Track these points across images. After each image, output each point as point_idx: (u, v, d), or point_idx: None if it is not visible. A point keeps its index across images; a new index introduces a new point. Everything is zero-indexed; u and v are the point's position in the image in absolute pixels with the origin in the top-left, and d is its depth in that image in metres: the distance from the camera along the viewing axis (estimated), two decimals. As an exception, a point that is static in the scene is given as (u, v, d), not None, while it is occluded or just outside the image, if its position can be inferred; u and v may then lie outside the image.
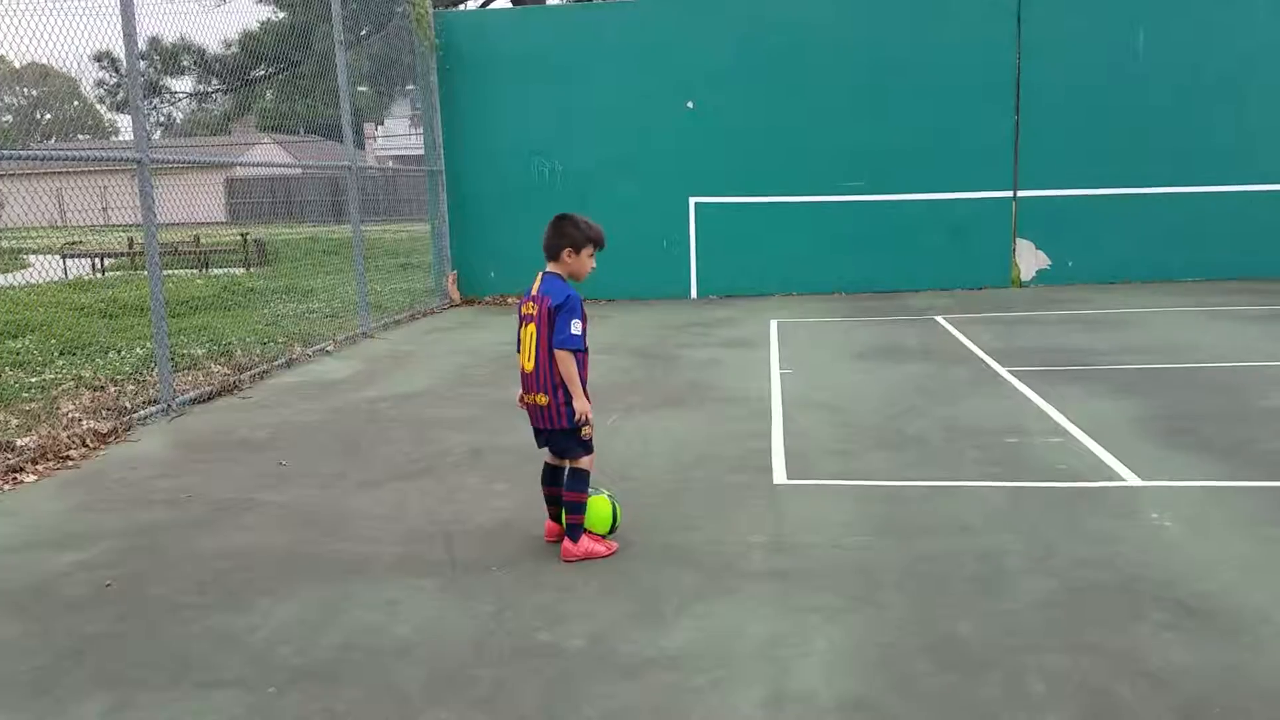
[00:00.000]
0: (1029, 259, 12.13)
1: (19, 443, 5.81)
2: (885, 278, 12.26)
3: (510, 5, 22.39)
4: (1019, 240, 12.10)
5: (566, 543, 3.96)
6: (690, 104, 12.32)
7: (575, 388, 3.86)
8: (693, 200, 12.47)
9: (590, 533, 4.01)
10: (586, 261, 4.02)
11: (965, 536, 4.08)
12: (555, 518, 4.14)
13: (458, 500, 4.82)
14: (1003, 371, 7.30)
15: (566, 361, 3.84)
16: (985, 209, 12.06)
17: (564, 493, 4.00)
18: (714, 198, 12.43)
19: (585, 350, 3.95)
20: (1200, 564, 3.71)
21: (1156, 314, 9.70)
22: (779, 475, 5.02)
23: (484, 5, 23.51)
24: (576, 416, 3.87)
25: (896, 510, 4.43)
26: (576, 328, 3.85)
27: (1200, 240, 11.87)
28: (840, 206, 12.23)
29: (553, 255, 3.99)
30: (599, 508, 4.06)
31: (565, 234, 3.97)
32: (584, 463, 3.98)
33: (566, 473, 4.02)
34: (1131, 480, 4.73)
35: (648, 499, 4.71)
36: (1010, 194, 12.01)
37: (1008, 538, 4.05)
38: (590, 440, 3.97)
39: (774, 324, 10.02)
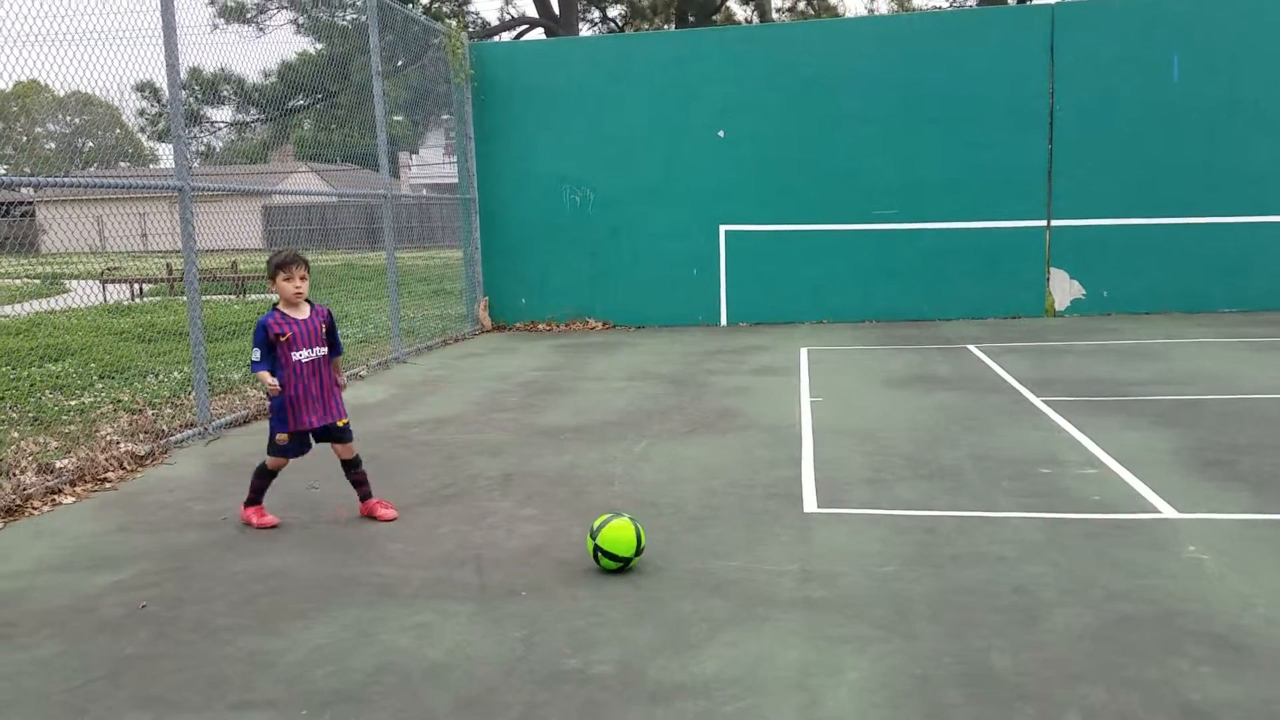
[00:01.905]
0: (1063, 288, 12.04)
1: (58, 464, 5.90)
2: (917, 306, 12.21)
3: (543, 36, 22.69)
4: (1053, 269, 12.02)
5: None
6: (721, 133, 12.39)
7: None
8: (723, 228, 12.50)
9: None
10: (282, 286, 4.80)
11: (999, 567, 4.04)
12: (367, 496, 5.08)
13: (488, 525, 4.83)
14: (1037, 401, 7.24)
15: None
16: (1018, 238, 12.00)
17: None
18: (744, 225, 12.46)
19: (263, 366, 4.74)
20: (1238, 598, 3.65)
21: (1193, 345, 9.59)
22: (810, 503, 5.00)
23: (518, 37, 23.84)
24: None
25: (929, 540, 4.39)
26: (255, 354, 4.76)
27: (1239, 270, 11.72)
28: (871, 235, 12.22)
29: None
30: (622, 532, 4.08)
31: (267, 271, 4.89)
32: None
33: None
34: (1168, 512, 4.67)
35: (677, 525, 4.71)
36: (1044, 223, 11.95)
37: (1042, 569, 4.00)
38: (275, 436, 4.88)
39: (804, 351, 10.00)
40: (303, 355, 4.80)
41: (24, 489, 5.41)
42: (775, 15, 27.10)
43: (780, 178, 12.30)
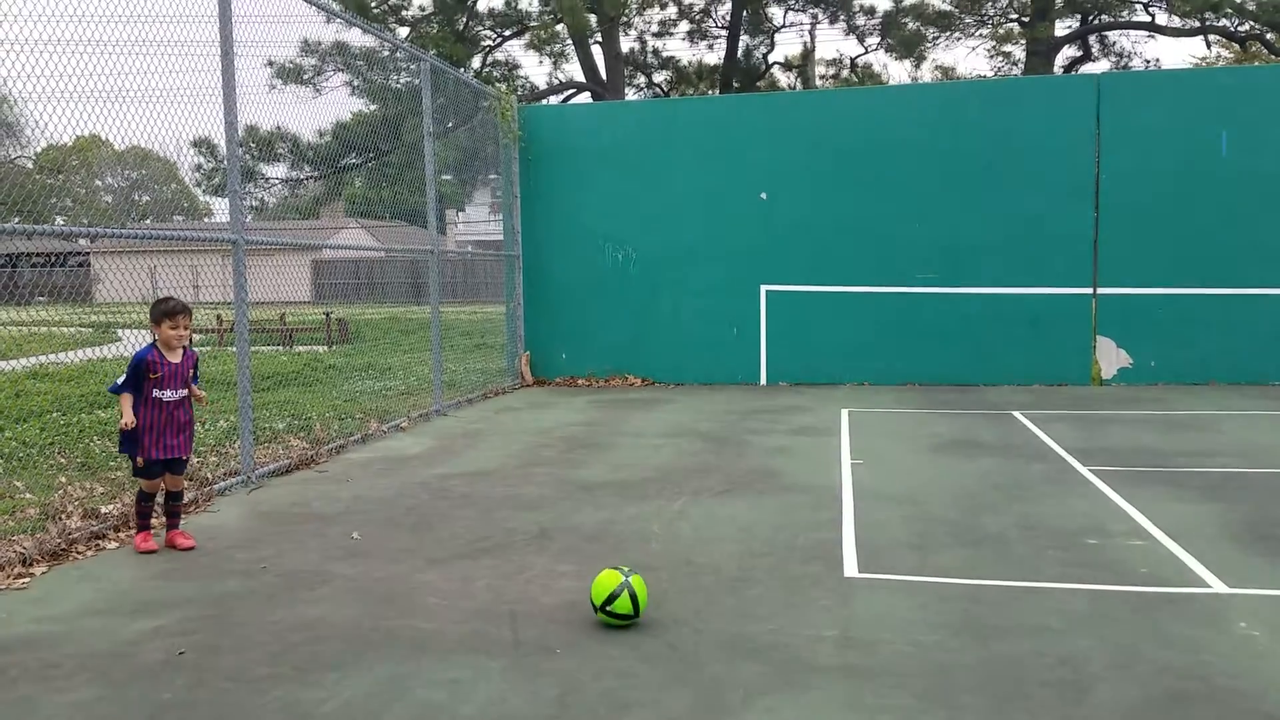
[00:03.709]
0: (1110, 357, 11.89)
1: (103, 510, 5.99)
2: (961, 371, 12.11)
3: (590, 100, 23.10)
4: (1099, 338, 11.89)
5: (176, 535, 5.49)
6: (763, 195, 12.48)
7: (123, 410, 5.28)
8: (764, 288, 12.54)
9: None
10: (167, 333, 5.35)
11: (1044, 639, 3.95)
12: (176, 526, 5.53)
13: (524, 580, 4.82)
14: (1083, 470, 7.12)
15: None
16: (1064, 304, 11.90)
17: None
18: (786, 286, 12.49)
19: (125, 389, 5.26)
20: (1295, 678, 3.54)
21: (1243, 417, 9.40)
22: (850, 568, 4.93)
23: (565, 100, 24.29)
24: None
25: (973, 609, 4.31)
26: (121, 379, 5.28)
27: (1290, 342, 11.52)
28: (914, 298, 12.19)
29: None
30: (606, 579, 4.15)
31: (150, 312, 5.40)
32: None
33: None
34: (1217, 587, 4.55)
35: (714, 586, 4.66)
36: (1090, 290, 11.85)
37: (1089, 642, 3.91)
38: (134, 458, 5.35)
39: (845, 413, 9.94)
40: (166, 394, 5.37)
41: (69, 533, 5.49)
42: (819, 83, 27.43)
43: (822, 240, 12.34)
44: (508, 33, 24.32)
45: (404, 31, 22.95)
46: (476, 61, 23.70)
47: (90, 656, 3.94)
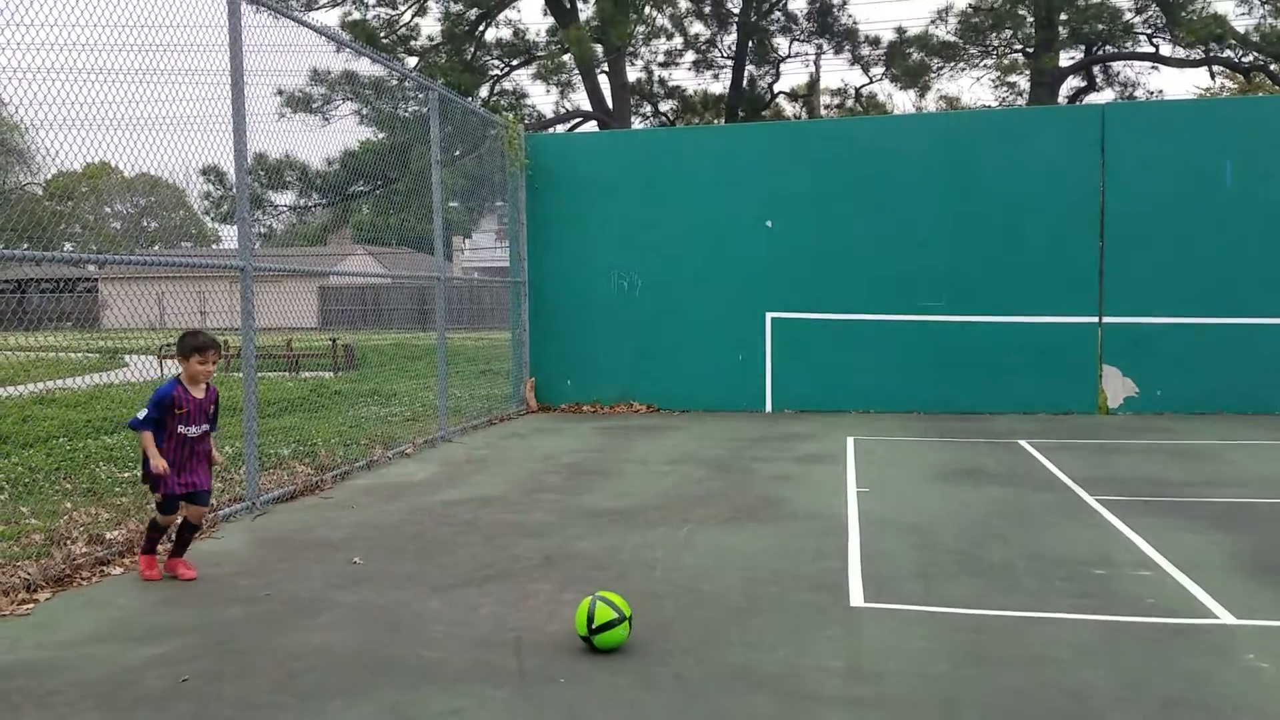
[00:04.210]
0: (1116, 386, 11.87)
1: (108, 536, 5.98)
2: (966, 399, 12.09)
3: (597, 128, 23.26)
4: (1105, 367, 11.87)
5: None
6: (769, 223, 12.52)
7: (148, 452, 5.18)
8: (769, 315, 12.56)
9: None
10: (195, 368, 5.27)
11: (1052, 670, 3.92)
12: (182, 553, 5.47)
13: (529, 607, 4.80)
14: (1090, 500, 7.09)
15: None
16: (1070, 333, 11.90)
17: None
18: (791, 313, 12.51)
19: (147, 426, 5.15)
20: (1306, 711, 3.51)
21: (1250, 446, 9.37)
22: (856, 597, 4.91)
23: (572, 129, 24.46)
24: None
25: (980, 640, 4.28)
26: (143, 413, 5.17)
27: (1296, 371, 11.49)
28: (920, 326, 12.19)
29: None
30: (578, 611, 4.23)
31: (178, 346, 5.31)
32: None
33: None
34: (1225, 618, 4.52)
35: (719, 615, 4.64)
36: (1096, 319, 11.85)
37: (1096, 673, 3.88)
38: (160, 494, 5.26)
39: (850, 441, 9.92)
40: (190, 430, 5.29)
41: (74, 559, 5.49)
42: (824, 112, 27.58)
43: (827, 267, 12.37)
44: (515, 62, 24.55)
45: (413, 61, 23.17)
46: (484, 90, 23.90)
47: (94, 683, 3.92)
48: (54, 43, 5.49)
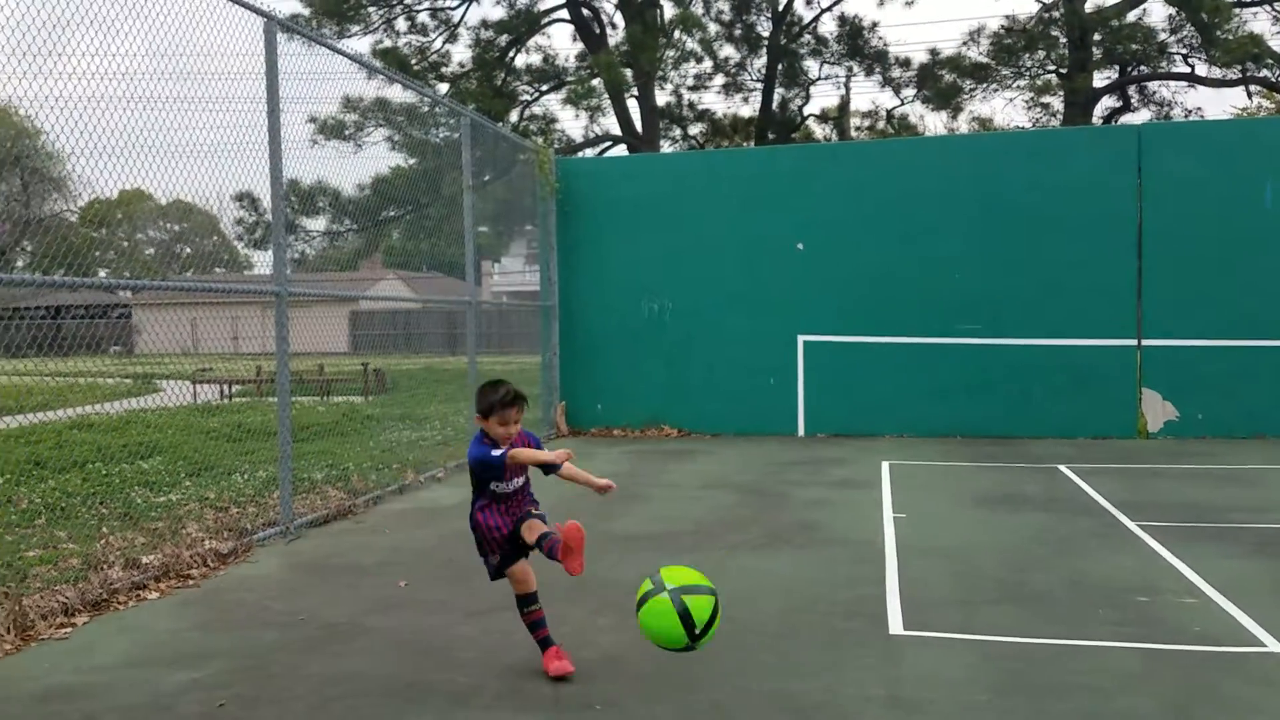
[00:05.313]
0: (1155, 409, 11.67)
1: (144, 560, 6.01)
2: (1003, 423, 11.93)
3: (626, 152, 23.36)
4: (1145, 390, 11.69)
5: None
6: (800, 245, 12.48)
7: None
8: (801, 338, 12.48)
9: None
10: (496, 430, 4.35)
11: (1096, 699, 3.83)
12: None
13: (561, 633, 4.75)
14: (1131, 525, 6.95)
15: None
16: (1108, 356, 11.73)
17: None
18: (823, 336, 12.43)
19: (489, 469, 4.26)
20: (1367, 745, 3.39)
21: (1296, 469, 9.18)
22: (895, 625, 4.83)
23: (601, 153, 24.59)
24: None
25: (1022, 668, 4.19)
26: (495, 452, 4.29)
27: (1342, 394, 11.25)
28: (956, 349, 12.07)
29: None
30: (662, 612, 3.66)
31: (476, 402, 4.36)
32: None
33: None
34: (1273, 646, 4.40)
35: (756, 643, 4.57)
36: (1134, 342, 11.68)
37: (1141, 701, 3.78)
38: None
39: (885, 465, 9.81)
40: (503, 486, 4.52)
41: (110, 584, 5.51)
42: (854, 134, 27.55)
43: (860, 290, 12.29)
44: (545, 88, 24.72)
45: (444, 87, 23.40)
46: (514, 115, 24.08)
47: (130, 708, 3.92)
48: (93, 71, 5.56)
